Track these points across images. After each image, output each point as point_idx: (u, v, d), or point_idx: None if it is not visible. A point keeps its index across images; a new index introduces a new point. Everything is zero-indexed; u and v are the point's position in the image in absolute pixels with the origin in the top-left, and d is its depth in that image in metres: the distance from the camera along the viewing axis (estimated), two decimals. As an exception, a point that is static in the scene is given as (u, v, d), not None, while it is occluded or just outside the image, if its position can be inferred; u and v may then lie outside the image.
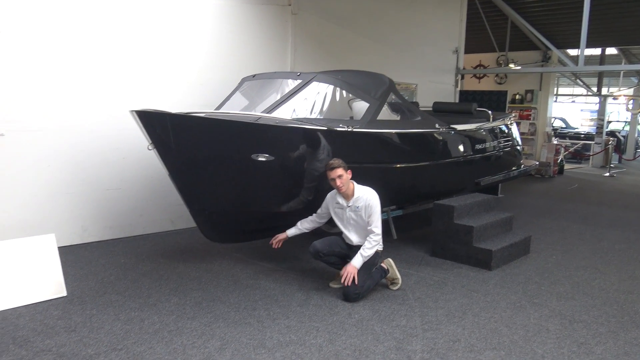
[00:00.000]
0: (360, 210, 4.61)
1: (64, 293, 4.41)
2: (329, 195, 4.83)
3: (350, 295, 4.42)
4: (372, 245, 4.57)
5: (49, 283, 4.37)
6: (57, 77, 5.55)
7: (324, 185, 5.05)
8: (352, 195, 4.63)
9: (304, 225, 4.97)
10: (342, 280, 4.41)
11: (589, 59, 17.04)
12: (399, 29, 10.01)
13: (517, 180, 10.06)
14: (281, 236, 4.96)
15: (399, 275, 4.83)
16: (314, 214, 4.96)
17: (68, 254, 5.43)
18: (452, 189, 6.85)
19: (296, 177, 4.95)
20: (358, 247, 4.61)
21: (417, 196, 6.55)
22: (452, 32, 11.66)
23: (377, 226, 4.59)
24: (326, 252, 4.76)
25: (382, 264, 4.79)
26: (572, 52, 15.61)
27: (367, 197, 4.60)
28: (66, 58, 5.59)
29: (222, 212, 4.80)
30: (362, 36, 9.15)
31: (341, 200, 4.68)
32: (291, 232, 4.97)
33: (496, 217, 6.08)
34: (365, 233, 4.62)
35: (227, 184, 4.67)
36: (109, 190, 6.08)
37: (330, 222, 4.96)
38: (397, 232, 6.29)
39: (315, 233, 5.18)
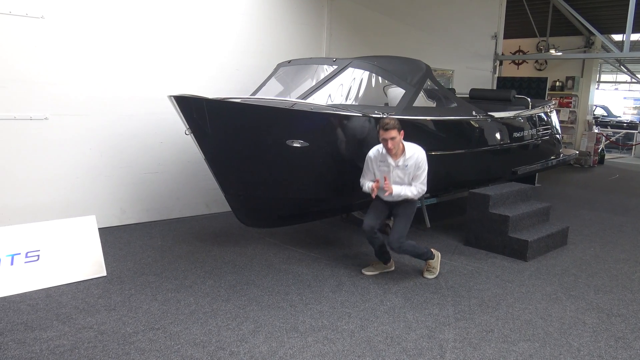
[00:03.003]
0: (409, 168, 4.54)
1: (104, 273, 4.55)
2: (370, 154, 4.68)
3: (393, 242, 4.49)
4: (417, 190, 4.56)
5: (89, 263, 4.52)
6: (99, 62, 5.67)
7: (357, 171, 5.05)
8: (402, 154, 4.55)
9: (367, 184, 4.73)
10: (382, 184, 4.48)
11: (635, 45, 16.38)
12: (436, 14, 9.83)
13: (555, 169, 9.83)
14: (375, 186, 4.54)
15: (438, 268, 4.84)
16: (362, 179, 4.75)
17: (107, 235, 5.59)
18: (488, 178, 6.75)
19: (330, 163, 4.96)
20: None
21: (452, 184, 6.48)
22: (491, 16, 11.39)
23: (423, 182, 4.58)
24: (379, 225, 4.70)
25: (432, 250, 4.83)
26: (617, 37, 15.04)
27: (417, 155, 4.55)
28: (108, 43, 5.70)
29: (256, 197, 4.85)
30: (398, 21, 9.03)
31: (389, 160, 4.55)
32: (396, 191, 4.61)
33: (533, 207, 5.97)
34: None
35: (262, 170, 4.71)
36: (147, 174, 6.22)
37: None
38: (430, 220, 6.24)
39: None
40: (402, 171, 4.56)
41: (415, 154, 4.55)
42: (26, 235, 4.35)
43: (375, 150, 4.66)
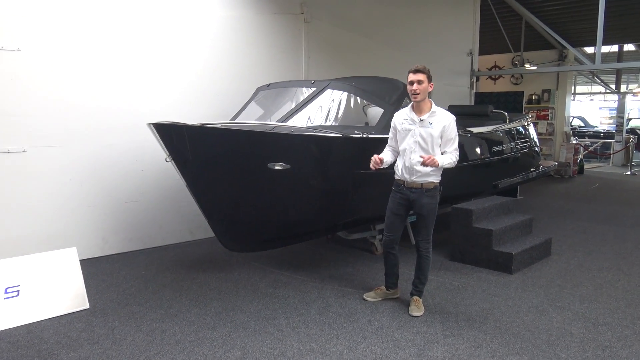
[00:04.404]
0: (432, 127, 4.17)
1: (87, 305, 4.47)
2: (396, 114, 4.44)
3: (422, 244, 4.36)
4: (455, 157, 4.22)
5: (71, 296, 4.43)
6: (77, 93, 5.64)
7: (340, 192, 5.07)
8: (428, 110, 4.21)
9: (388, 159, 4.40)
10: (422, 162, 4.05)
11: (607, 56, 16.82)
12: (411, 33, 10.00)
13: (536, 181, 9.95)
14: (378, 158, 4.26)
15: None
16: (388, 146, 4.49)
17: (90, 266, 5.50)
18: (470, 192, 6.81)
19: (313, 184, 4.96)
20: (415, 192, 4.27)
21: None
22: (465, 34, 11.62)
23: (456, 149, 4.26)
24: (399, 239, 4.50)
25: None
26: (589, 49, 15.44)
27: (448, 117, 4.21)
28: (86, 74, 5.68)
29: (240, 221, 4.83)
30: (374, 42, 9.16)
31: (413, 115, 4.24)
32: (386, 157, 4.39)
33: (516, 220, 6.03)
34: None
35: (245, 194, 4.70)
36: (129, 203, 6.16)
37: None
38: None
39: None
40: (425, 130, 4.18)
41: (444, 114, 4.23)
42: (5, 270, 4.26)
43: (401, 111, 4.42)
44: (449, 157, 4.21)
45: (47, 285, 4.37)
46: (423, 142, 4.20)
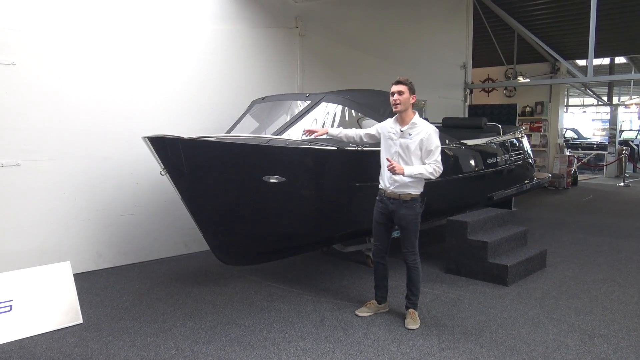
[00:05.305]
0: (413, 138, 4.24)
1: (80, 320, 4.43)
2: (385, 121, 4.54)
3: (408, 254, 4.39)
4: (432, 168, 4.20)
5: (65, 310, 4.40)
6: (71, 106, 5.64)
7: (335, 204, 5.06)
8: (409, 122, 4.30)
9: (345, 133, 4.68)
10: (387, 166, 4.17)
11: (598, 69, 17.00)
12: (405, 47, 10.08)
13: (530, 193, 9.98)
14: (321, 131, 4.62)
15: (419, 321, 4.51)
16: (363, 131, 4.67)
17: (83, 280, 5.46)
18: (465, 205, 6.82)
19: (308, 197, 4.96)
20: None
21: (430, 213, 6.49)
22: (459, 47, 11.72)
23: (439, 160, 4.25)
24: (388, 248, 4.54)
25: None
26: (581, 62, 15.59)
27: (427, 129, 4.25)
28: (79, 87, 5.69)
29: (235, 235, 4.81)
30: (369, 55, 9.22)
31: (396, 126, 4.34)
32: (332, 131, 4.68)
33: (511, 232, 6.04)
34: None
35: (240, 207, 4.69)
36: (123, 216, 6.13)
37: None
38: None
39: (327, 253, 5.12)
40: (405, 142, 4.26)
41: (425, 126, 4.28)
42: (-2, 285, 4.23)
43: (389, 120, 4.51)
44: (423, 168, 4.21)
45: (40, 300, 4.33)
46: (403, 152, 4.30)
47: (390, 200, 4.37)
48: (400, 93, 4.26)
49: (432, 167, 4.22)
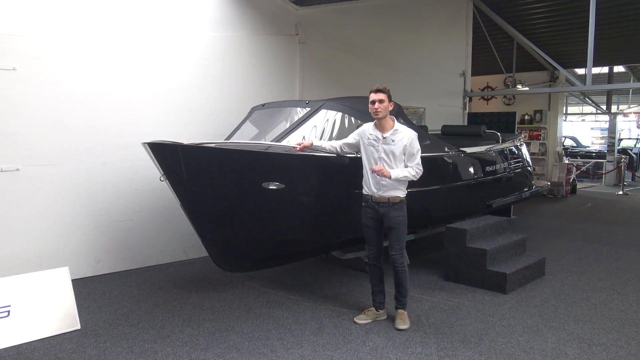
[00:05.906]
0: (395, 144, 4.35)
1: (78, 326, 4.41)
2: (365, 125, 4.60)
3: (396, 256, 4.46)
4: (414, 171, 4.38)
5: (62, 316, 4.38)
6: (71, 112, 5.65)
7: (334, 211, 5.05)
8: (390, 128, 4.40)
9: (329, 144, 4.78)
10: (372, 168, 4.35)
11: (597, 78, 17.06)
12: (405, 54, 10.11)
13: (529, 201, 9.99)
14: (306, 143, 4.70)
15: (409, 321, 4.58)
16: (341, 142, 4.76)
17: (82, 286, 5.45)
18: (464, 212, 6.82)
19: (307, 204, 4.97)
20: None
21: (429, 220, 6.52)
22: (458, 55, 11.75)
23: (419, 164, 4.41)
24: (382, 252, 4.64)
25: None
26: (580, 71, 15.64)
27: (408, 135, 4.38)
28: (79, 92, 5.70)
29: (234, 241, 4.81)
30: (368, 62, 9.25)
31: (377, 133, 4.41)
32: (316, 142, 4.77)
33: (509, 239, 6.04)
34: None
35: (239, 214, 4.69)
36: (122, 222, 6.13)
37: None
38: (409, 257, 6.22)
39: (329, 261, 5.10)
40: (388, 147, 4.37)
41: (406, 132, 4.40)
42: (-4, 290, 4.22)
43: (367, 125, 4.57)
44: (407, 171, 4.37)
45: (38, 306, 4.32)
46: (387, 158, 4.40)
47: (380, 205, 4.46)
48: (381, 101, 4.35)
49: (415, 170, 4.41)
